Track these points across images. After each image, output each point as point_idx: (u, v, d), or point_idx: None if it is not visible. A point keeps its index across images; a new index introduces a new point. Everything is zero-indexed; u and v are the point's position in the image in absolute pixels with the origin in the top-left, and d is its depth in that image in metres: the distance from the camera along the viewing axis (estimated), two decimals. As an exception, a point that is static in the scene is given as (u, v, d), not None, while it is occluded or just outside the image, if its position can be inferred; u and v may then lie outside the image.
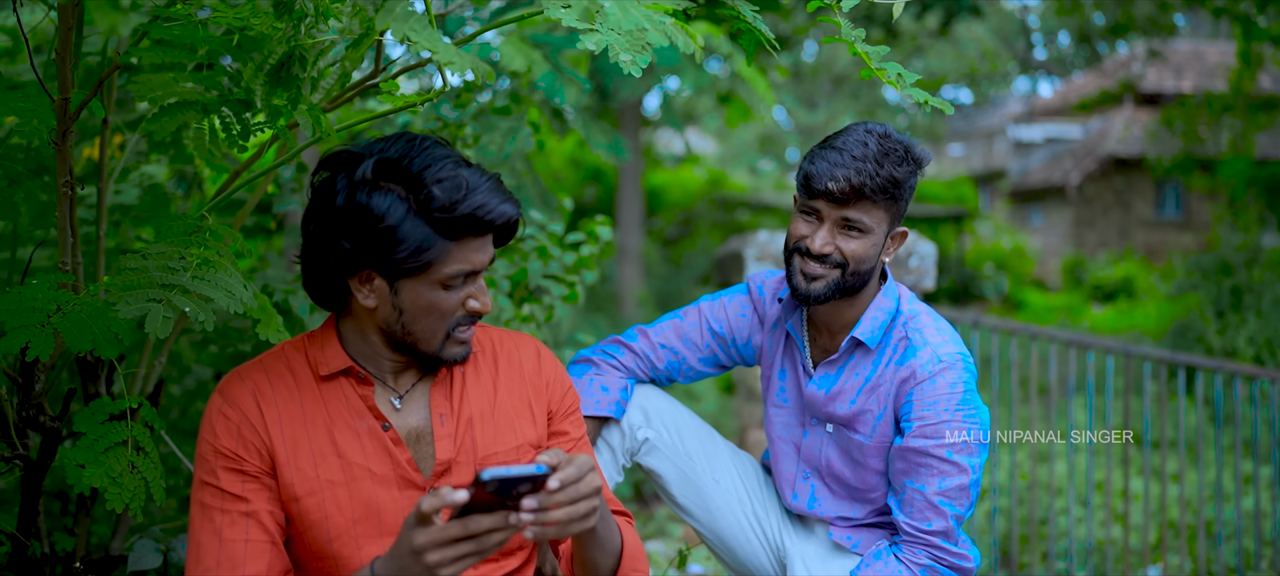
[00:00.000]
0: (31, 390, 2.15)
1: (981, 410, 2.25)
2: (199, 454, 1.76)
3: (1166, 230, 24.76)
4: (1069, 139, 27.58)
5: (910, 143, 2.23)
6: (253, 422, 1.75)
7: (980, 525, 5.21)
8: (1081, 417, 6.77)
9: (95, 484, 1.96)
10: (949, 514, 2.21)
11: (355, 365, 1.79)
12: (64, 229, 2.09)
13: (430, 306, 1.73)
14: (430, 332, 1.76)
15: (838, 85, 23.38)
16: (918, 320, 2.30)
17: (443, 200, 1.65)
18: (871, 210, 2.19)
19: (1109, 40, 20.15)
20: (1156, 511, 5.20)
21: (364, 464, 1.77)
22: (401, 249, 1.67)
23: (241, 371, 1.81)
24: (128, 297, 1.82)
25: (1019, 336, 4.77)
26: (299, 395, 1.79)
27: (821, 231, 2.21)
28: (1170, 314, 11.40)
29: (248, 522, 1.72)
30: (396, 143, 1.70)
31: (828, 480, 2.42)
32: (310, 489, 1.75)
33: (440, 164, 1.67)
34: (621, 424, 2.42)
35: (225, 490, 1.73)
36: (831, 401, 2.34)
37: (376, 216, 1.65)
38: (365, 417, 1.79)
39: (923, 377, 2.23)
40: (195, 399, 3.25)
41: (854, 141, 2.18)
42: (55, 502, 2.74)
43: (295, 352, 1.83)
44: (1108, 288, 20.17)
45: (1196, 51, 25.41)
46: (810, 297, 2.24)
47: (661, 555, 4.51)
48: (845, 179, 2.15)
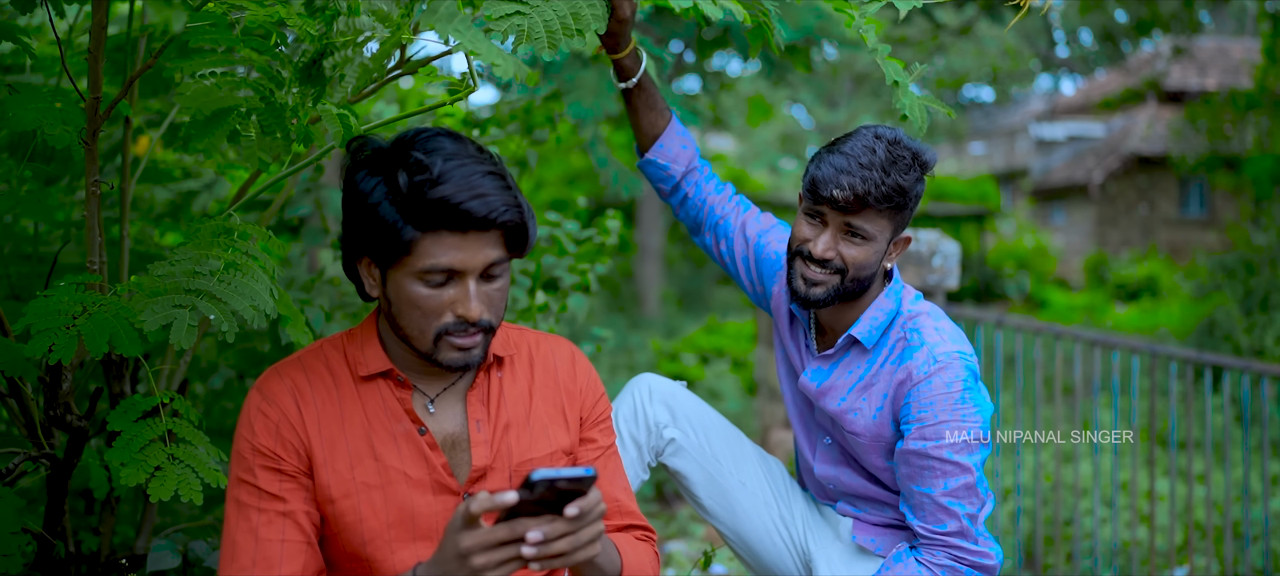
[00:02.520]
0: (58, 389, 2.16)
1: (983, 407, 2.22)
2: (236, 451, 1.75)
3: (1190, 229, 24.58)
4: (1092, 137, 27.42)
5: (920, 148, 2.21)
6: (291, 421, 1.74)
7: (1004, 525, 5.18)
8: (1105, 418, 6.72)
9: (135, 481, 1.96)
10: (960, 513, 2.19)
11: (394, 368, 1.78)
12: (91, 228, 2.09)
13: (413, 301, 1.67)
14: (418, 331, 1.70)
15: (858, 84, 23.30)
16: (917, 320, 2.28)
17: (407, 184, 1.61)
18: (876, 219, 2.18)
19: (1133, 38, 20.02)
20: (1182, 512, 5.16)
21: (400, 468, 1.76)
22: (377, 232, 1.65)
23: (280, 368, 1.80)
24: (153, 304, 1.82)
25: (1042, 336, 4.74)
26: (337, 395, 1.77)
27: (824, 236, 2.21)
28: (1195, 313, 11.32)
29: (284, 522, 1.71)
30: (412, 132, 1.69)
31: (840, 448, 2.43)
32: (346, 491, 1.74)
33: (433, 155, 1.62)
34: (648, 422, 2.41)
35: (262, 488, 1.72)
36: (822, 396, 2.35)
37: (361, 195, 1.65)
38: (402, 421, 1.78)
39: (919, 379, 2.21)
40: (220, 398, 3.26)
41: (862, 147, 2.16)
42: (80, 501, 2.76)
43: (334, 352, 1.82)
44: (1131, 287, 20.04)
45: (1221, 48, 25.20)
46: (809, 301, 2.24)
47: (685, 555, 4.50)
48: (850, 187, 2.14)
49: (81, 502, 2.75)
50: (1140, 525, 5.25)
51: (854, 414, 2.30)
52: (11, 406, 2.23)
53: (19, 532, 2.09)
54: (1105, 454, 6.01)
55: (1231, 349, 8.61)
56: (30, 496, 2.80)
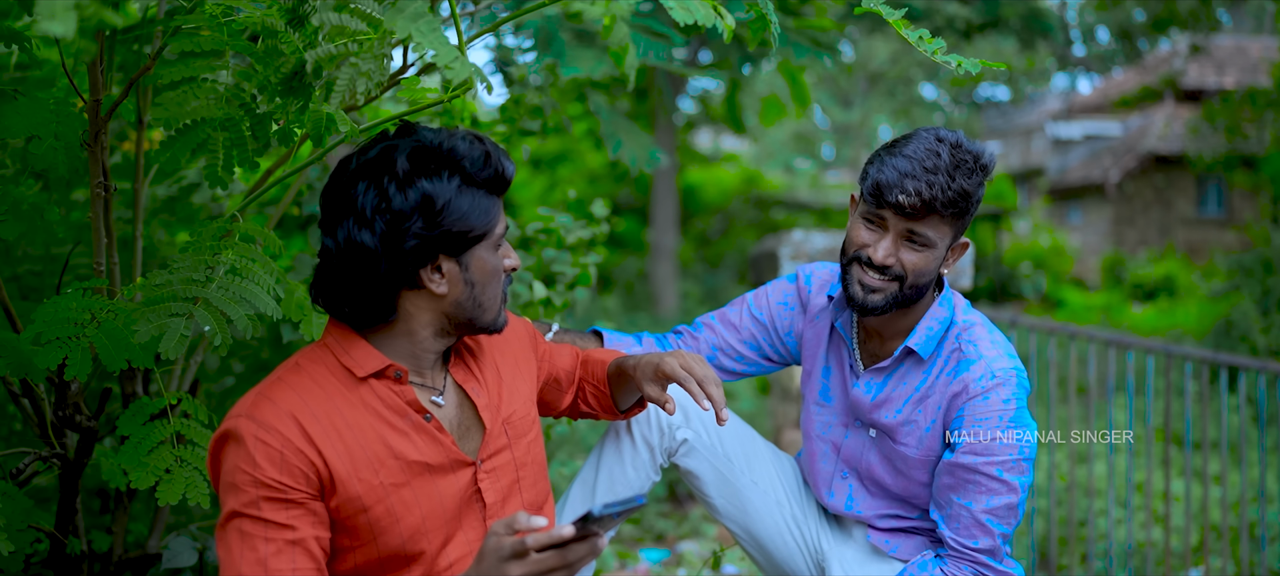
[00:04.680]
0: (68, 390, 2.17)
1: (1032, 427, 2.19)
2: (230, 484, 1.68)
3: (1208, 228, 24.42)
4: (1108, 136, 27.28)
5: (980, 149, 2.14)
6: (298, 446, 1.68)
7: (1019, 526, 5.16)
8: (1121, 418, 6.69)
9: (142, 485, 1.97)
10: (996, 532, 2.17)
11: (392, 363, 1.78)
12: (98, 230, 2.10)
13: (494, 270, 1.78)
14: (493, 298, 1.81)
15: (873, 83, 23.25)
16: (972, 331, 2.24)
17: (479, 164, 1.72)
18: (939, 225, 2.12)
19: (1150, 36, 19.92)
20: (1198, 513, 5.13)
21: (420, 459, 1.78)
22: (468, 219, 1.71)
23: (267, 394, 1.73)
24: (148, 314, 1.81)
25: (1058, 336, 4.72)
26: (340, 404, 1.75)
27: (885, 242, 2.14)
28: (1212, 313, 11.25)
29: (294, 551, 1.67)
30: (392, 140, 1.73)
31: (867, 482, 2.38)
32: (378, 497, 1.74)
33: (449, 138, 1.73)
34: (660, 423, 2.39)
35: (269, 520, 1.67)
36: (877, 408, 2.30)
37: (430, 198, 1.69)
38: (407, 414, 1.79)
39: (976, 393, 2.17)
40: (231, 397, 3.27)
41: (926, 150, 2.09)
42: (94, 499, 2.77)
43: (315, 364, 1.78)
44: (1148, 286, 19.92)
45: (1239, 47, 25.04)
46: (867, 309, 2.17)
47: (696, 555, 4.50)
48: (916, 193, 2.07)
49: (96, 501, 2.77)
50: (1155, 526, 5.22)
51: (909, 426, 2.25)
52: (24, 406, 2.24)
53: (27, 530, 2.10)
54: (1120, 454, 5.98)
55: (1248, 349, 8.56)
56: (42, 495, 2.81)
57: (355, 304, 1.75)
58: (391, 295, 1.74)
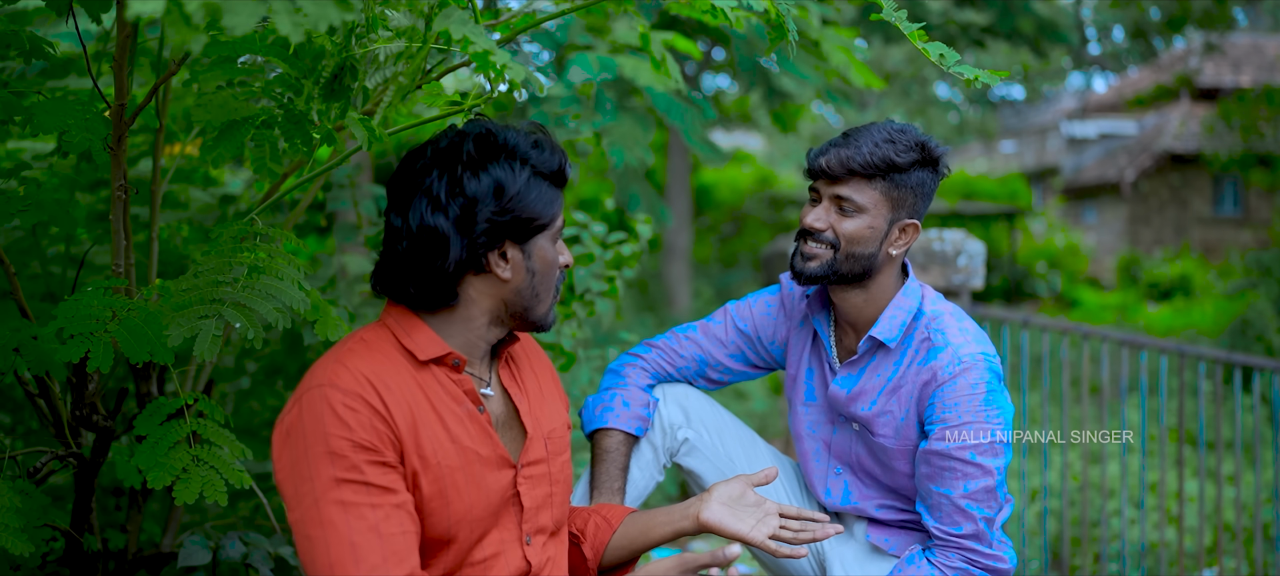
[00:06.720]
0: (85, 389, 2.20)
1: (1005, 409, 2.21)
2: (330, 452, 1.67)
3: (1224, 227, 24.32)
4: (1124, 135, 27.18)
5: (927, 139, 2.20)
6: (380, 412, 1.71)
7: (1031, 526, 5.16)
8: (1134, 418, 6.67)
9: (159, 484, 1.99)
10: (977, 516, 2.19)
11: (452, 351, 1.82)
12: (117, 232, 2.12)
13: (552, 262, 1.85)
14: (548, 290, 1.86)
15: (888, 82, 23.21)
16: (940, 320, 2.27)
17: (548, 155, 1.79)
18: (864, 189, 2.17)
19: (1165, 34, 19.83)
20: (1211, 514, 5.12)
21: (473, 448, 1.81)
22: (535, 207, 1.78)
23: (344, 361, 1.74)
24: (178, 318, 1.84)
25: (1070, 335, 4.71)
26: (406, 381, 1.77)
27: (818, 209, 2.22)
28: (1228, 312, 11.21)
29: (401, 514, 1.69)
30: (463, 132, 1.78)
31: (860, 475, 2.41)
32: (435, 475, 1.76)
33: (516, 131, 1.79)
34: (663, 423, 2.42)
35: (373, 484, 1.67)
36: (852, 402, 2.33)
37: (510, 185, 1.75)
38: (464, 403, 1.82)
39: (944, 379, 2.20)
40: (247, 398, 3.29)
41: (862, 129, 2.19)
42: (109, 497, 2.80)
43: (382, 341, 1.81)
44: (1163, 286, 19.86)
45: (1255, 45, 24.93)
46: (804, 276, 2.24)
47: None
48: (835, 153, 2.17)
49: (111, 499, 2.79)
50: (1169, 526, 5.21)
51: (885, 417, 2.28)
52: (41, 406, 2.27)
53: (43, 528, 2.12)
54: (1133, 454, 5.97)
55: (1264, 348, 8.52)
56: (58, 494, 2.84)
57: (422, 286, 1.78)
58: (457, 279, 1.79)
